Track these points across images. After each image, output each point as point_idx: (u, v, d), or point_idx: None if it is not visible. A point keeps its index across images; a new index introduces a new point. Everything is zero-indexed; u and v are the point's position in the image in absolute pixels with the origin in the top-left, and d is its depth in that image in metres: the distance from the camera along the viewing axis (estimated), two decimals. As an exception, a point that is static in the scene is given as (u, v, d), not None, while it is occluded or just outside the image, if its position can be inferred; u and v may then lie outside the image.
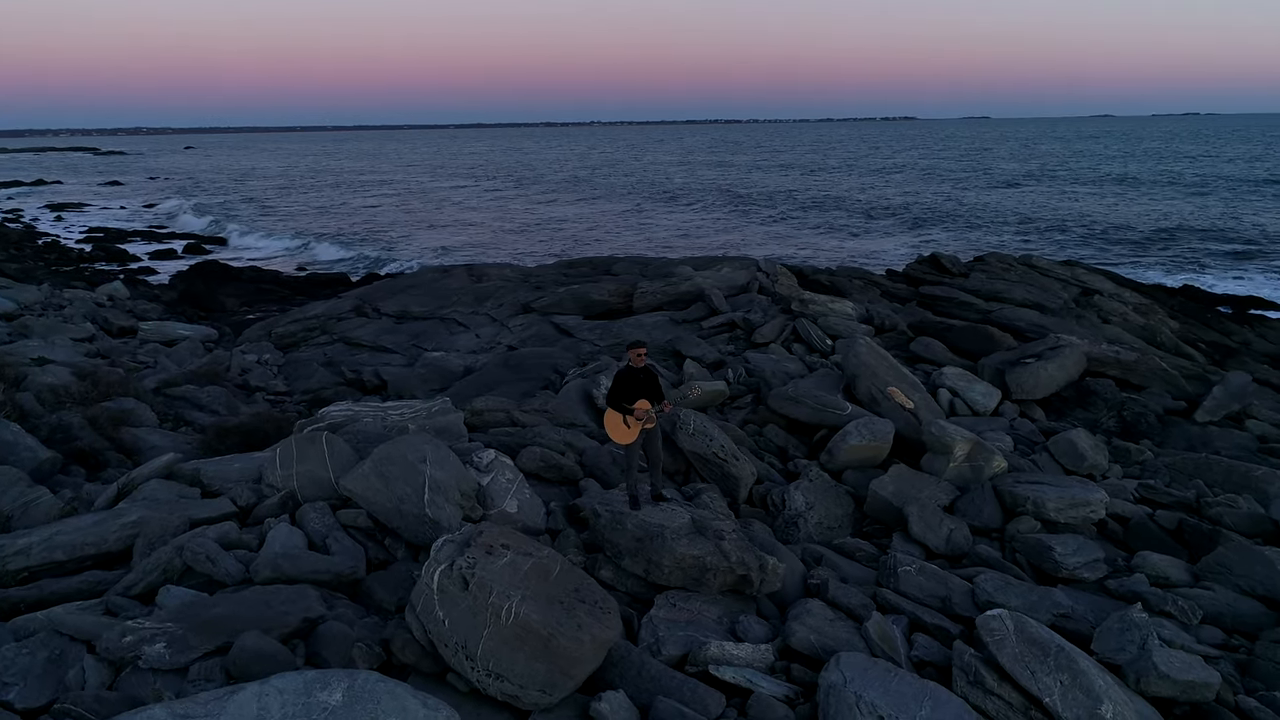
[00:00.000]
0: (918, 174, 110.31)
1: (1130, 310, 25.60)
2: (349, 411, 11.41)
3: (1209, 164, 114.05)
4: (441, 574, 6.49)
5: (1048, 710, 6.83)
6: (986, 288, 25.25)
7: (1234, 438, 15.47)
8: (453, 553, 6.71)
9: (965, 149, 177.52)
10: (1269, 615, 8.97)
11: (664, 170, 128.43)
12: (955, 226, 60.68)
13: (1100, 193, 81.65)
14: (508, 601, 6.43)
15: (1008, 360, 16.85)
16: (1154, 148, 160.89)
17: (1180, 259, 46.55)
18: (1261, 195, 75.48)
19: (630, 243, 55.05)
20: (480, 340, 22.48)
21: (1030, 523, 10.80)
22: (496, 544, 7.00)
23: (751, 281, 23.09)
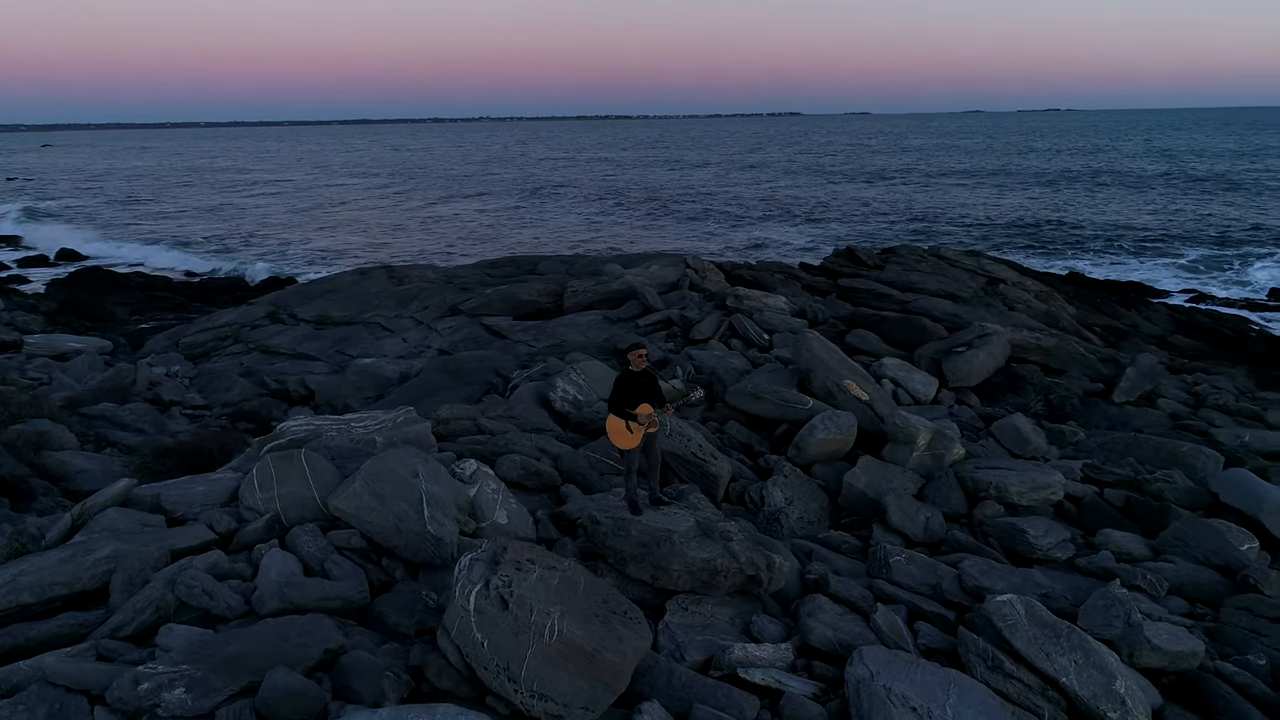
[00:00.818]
0: (807, 169, 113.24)
1: (1033, 298, 26.98)
2: (310, 426, 10.89)
3: (1073, 157, 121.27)
4: (478, 594, 6.26)
5: (1064, 689, 7.13)
6: (902, 279, 26.12)
7: (1149, 416, 16.50)
8: (484, 571, 6.48)
9: (846, 144, 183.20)
10: (1226, 584, 9.61)
11: (554, 166, 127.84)
12: (838, 219, 62.50)
13: (969, 184, 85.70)
14: (549, 619, 6.26)
15: (942, 349, 17.50)
16: (1017, 141, 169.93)
17: (1054, 246, 49.28)
18: (1121, 185, 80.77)
19: (522, 240, 54.63)
20: (408, 345, 21.84)
21: (995, 507, 11.24)
22: (523, 559, 6.81)
23: (682, 278, 23.23)
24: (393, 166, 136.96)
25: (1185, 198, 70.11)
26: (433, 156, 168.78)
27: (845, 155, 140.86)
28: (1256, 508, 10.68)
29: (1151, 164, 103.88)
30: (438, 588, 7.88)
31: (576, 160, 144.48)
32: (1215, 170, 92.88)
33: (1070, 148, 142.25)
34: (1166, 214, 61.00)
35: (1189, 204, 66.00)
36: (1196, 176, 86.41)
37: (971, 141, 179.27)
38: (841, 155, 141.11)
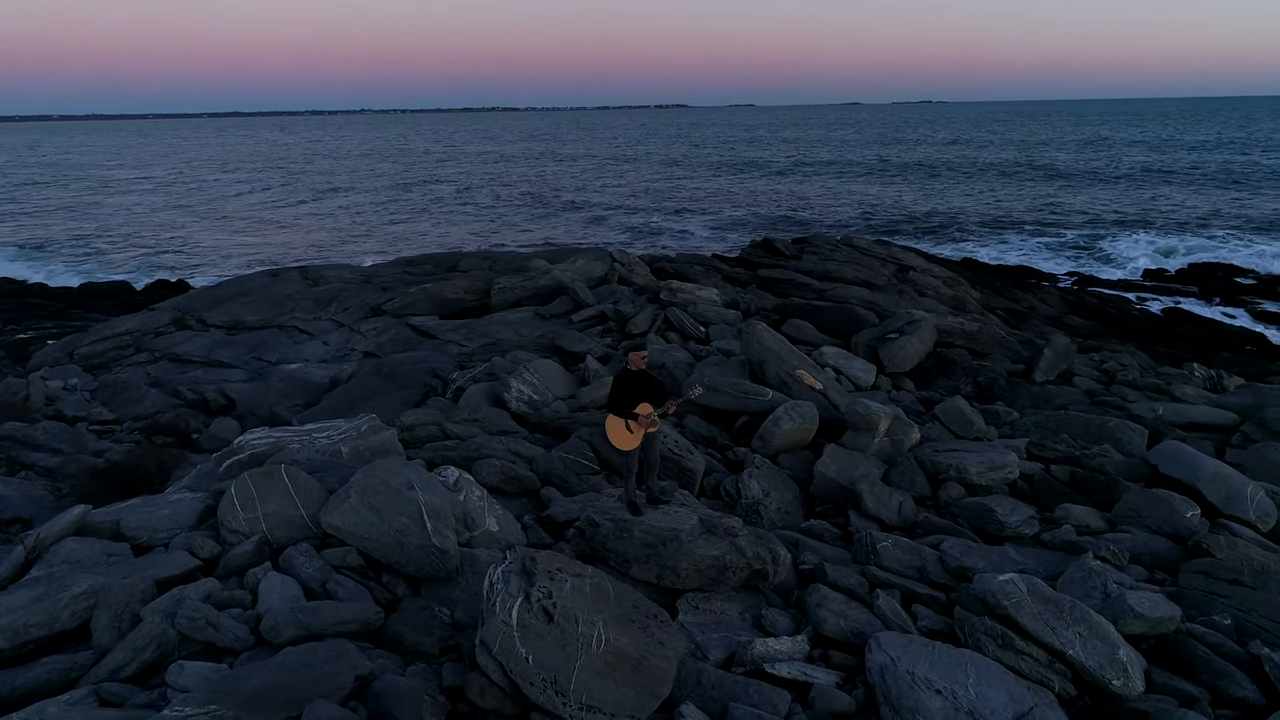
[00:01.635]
0: (699, 161, 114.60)
1: (940, 284, 28.11)
2: (269, 439, 10.36)
3: (949, 148, 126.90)
4: (520, 608, 6.08)
5: (1070, 662, 7.45)
6: (819, 268, 26.78)
7: (1068, 394, 17.44)
8: (521, 583, 6.30)
9: (732, 136, 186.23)
10: (1178, 550, 10.25)
11: (435, 160, 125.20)
12: (732, 209, 63.51)
13: (855, 173, 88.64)
14: (594, 628, 6.13)
15: (876, 337, 18.02)
16: (886, 133, 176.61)
17: (945, 232, 51.52)
18: (995, 174, 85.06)
19: (406, 234, 53.42)
20: (330, 348, 20.99)
21: (957, 488, 11.66)
22: (553, 568, 6.65)
23: (610, 272, 23.14)
24: (268, 161, 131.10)
25: (1048, 184, 74.34)
26: (311, 151, 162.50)
27: (733, 147, 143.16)
28: (1194, 477, 11.44)
29: (1020, 153, 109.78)
30: (444, 603, 7.62)
31: (462, 153, 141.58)
32: (1079, 159, 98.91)
33: (942, 139, 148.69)
34: (1032, 199, 64.55)
35: (1051, 191, 69.97)
36: (1057, 167, 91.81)
37: (846, 133, 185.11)
38: (728, 146, 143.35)
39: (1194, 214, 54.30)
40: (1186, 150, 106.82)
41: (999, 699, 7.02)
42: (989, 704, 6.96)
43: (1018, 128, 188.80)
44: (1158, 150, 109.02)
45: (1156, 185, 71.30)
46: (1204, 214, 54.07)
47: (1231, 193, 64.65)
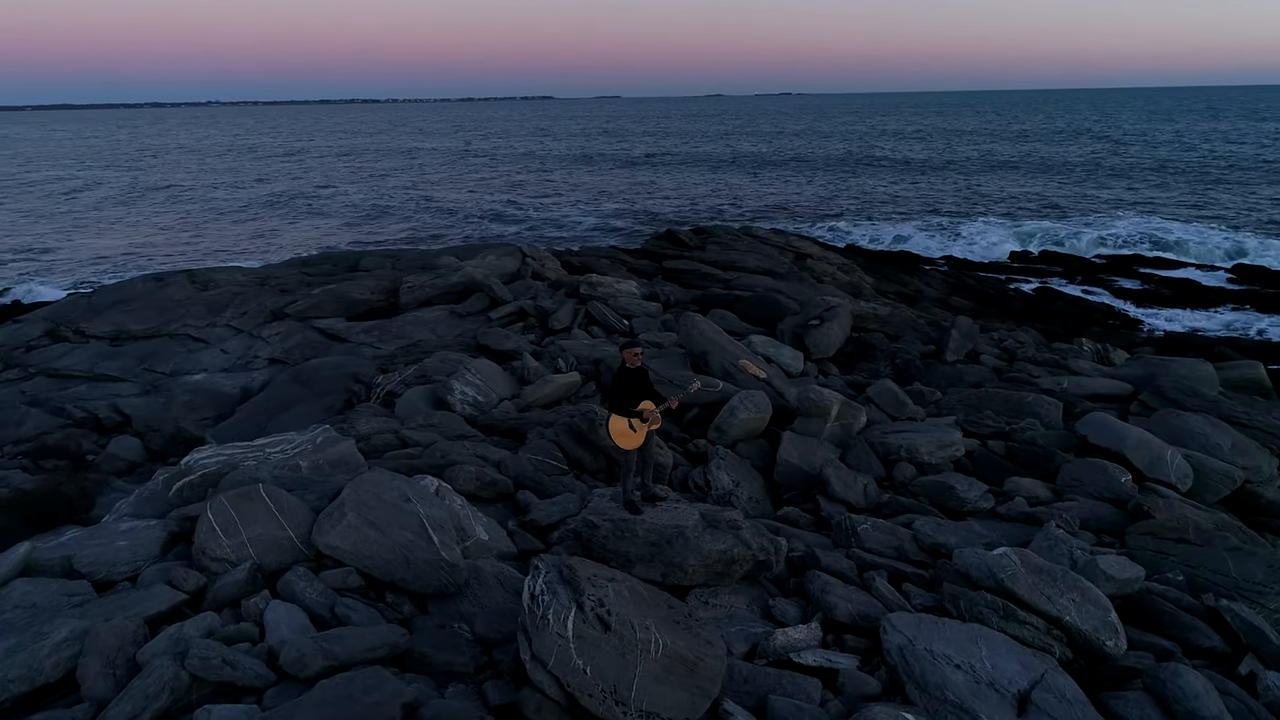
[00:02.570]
0: (572, 153, 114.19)
1: (836, 270, 29.08)
2: (219, 457, 9.68)
3: (813, 139, 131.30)
4: (575, 619, 5.90)
5: (1066, 627, 7.87)
6: (723, 258, 27.21)
7: (978, 372, 18.38)
8: (569, 593, 6.11)
9: (597, 128, 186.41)
10: (1120, 514, 10.98)
11: (299, 156, 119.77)
12: (614, 201, 63.81)
13: (726, 164, 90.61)
14: (650, 633, 6.03)
15: (799, 324, 18.45)
16: (754, 123, 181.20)
17: (817, 218, 53.27)
18: (852, 162, 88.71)
19: (271, 230, 51.06)
20: (230, 356, 19.75)
21: (909, 468, 12.12)
22: (591, 574, 6.49)
23: (523, 268, 22.75)
24: (102, 158, 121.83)
25: (905, 171, 78.11)
26: (148, 146, 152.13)
27: (607, 138, 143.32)
28: (1121, 445, 12.29)
29: (877, 143, 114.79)
30: (457, 618, 7.31)
31: (314, 149, 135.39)
32: (928, 148, 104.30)
33: (804, 129, 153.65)
34: (888, 186, 67.71)
35: (905, 178, 73.55)
36: (914, 156, 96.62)
37: (708, 125, 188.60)
38: (603, 138, 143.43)
39: (1040, 200, 58.18)
40: (1025, 140, 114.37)
41: (1012, 668, 7.34)
42: (1005, 674, 7.26)
43: (869, 118, 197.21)
44: (999, 139, 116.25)
45: (994, 172, 75.94)
46: (1048, 200, 58.01)
47: (1062, 178, 69.65)
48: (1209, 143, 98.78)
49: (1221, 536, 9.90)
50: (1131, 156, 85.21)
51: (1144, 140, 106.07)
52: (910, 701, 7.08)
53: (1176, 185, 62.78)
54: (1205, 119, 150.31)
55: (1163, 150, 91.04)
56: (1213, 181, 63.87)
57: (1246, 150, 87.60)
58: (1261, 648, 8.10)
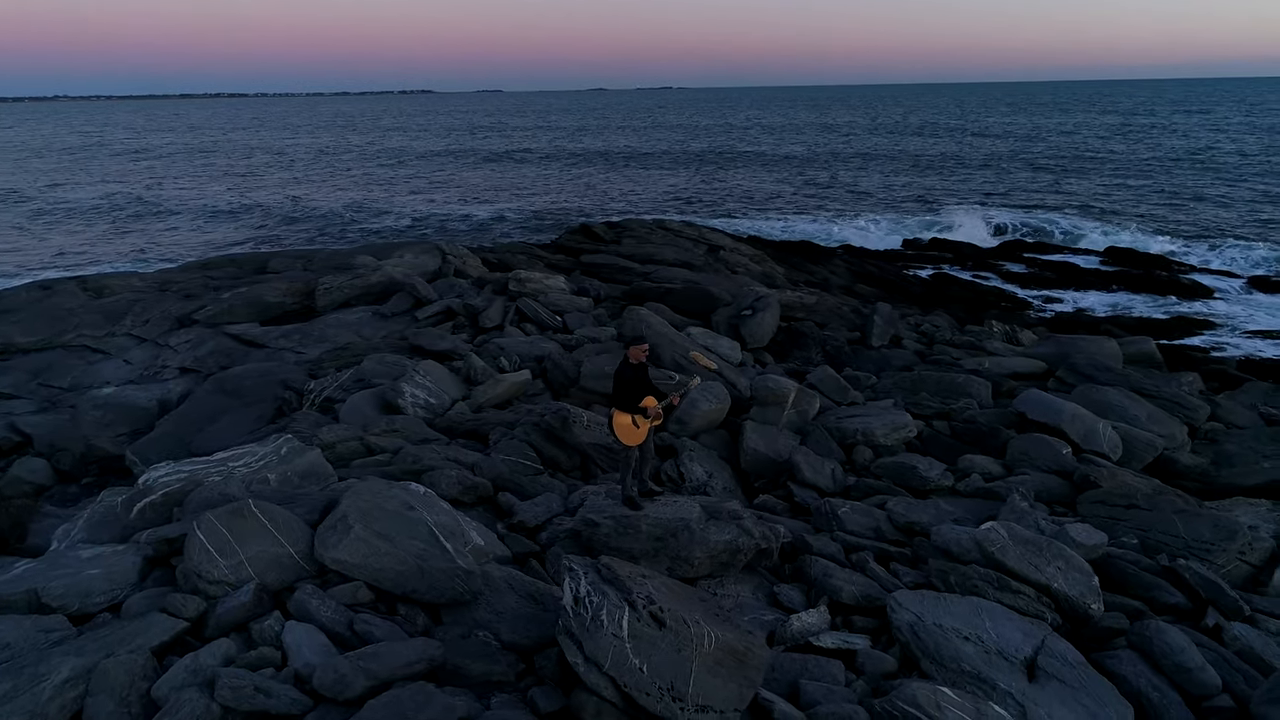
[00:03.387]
0: (458, 149, 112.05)
1: (749, 260, 29.60)
2: (180, 474, 9.12)
3: (700, 134, 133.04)
4: (630, 619, 5.83)
5: (1054, 594, 8.30)
6: (639, 251, 27.29)
7: (903, 355, 19.08)
8: (618, 592, 6.03)
9: (482, 124, 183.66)
10: (1068, 485, 11.63)
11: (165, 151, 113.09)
12: (503, 199, 63.03)
13: (609, 158, 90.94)
14: (701, 627, 6.02)
15: (732, 315, 18.71)
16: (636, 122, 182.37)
17: (714, 210, 54.08)
18: (740, 157, 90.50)
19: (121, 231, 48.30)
20: (135, 367, 18.53)
21: (866, 451, 12.49)
22: (628, 571, 6.43)
23: (444, 266, 22.21)
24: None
25: (787, 166, 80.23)
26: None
27: (493, 133, 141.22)
28: (1058, 419, 13.01)
29: (758, 138, 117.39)
30: (475, 626, 7.11)
31: (165, 147, 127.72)
32: (804, 142, 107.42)
33: (679, 123, 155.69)
34: (778, 179, 69.44)
35: (785, 172, 75.53)
36: (798, 148, 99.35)
37: (592, 119, 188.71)
38: (489, 134, 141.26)
39: (916, 191, 60.77)
40: (897, 133, 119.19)
41: (1016, 637, 7.69)
42: (1010, 642, 7.61)
43: (746, 111, 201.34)
44: (877, 134, 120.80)
45: (873, 164, 78.93)
46: (923, 192, 60.66)
47: (932, 171, 73.05)
48: (1057, 136, 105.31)
49: (1168, 500, 10.63)
50: (987, 148, 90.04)
51: (1005, 133, 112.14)
52: (927, 675, 7.32)
53: (1024, 175, 66.62)
54: (1054, 113, 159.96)
55: (1009, 143, 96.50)
56: (1061, 171, 68.07)
57: (1090, 141, 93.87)
58: (1220, 601, 8.74)
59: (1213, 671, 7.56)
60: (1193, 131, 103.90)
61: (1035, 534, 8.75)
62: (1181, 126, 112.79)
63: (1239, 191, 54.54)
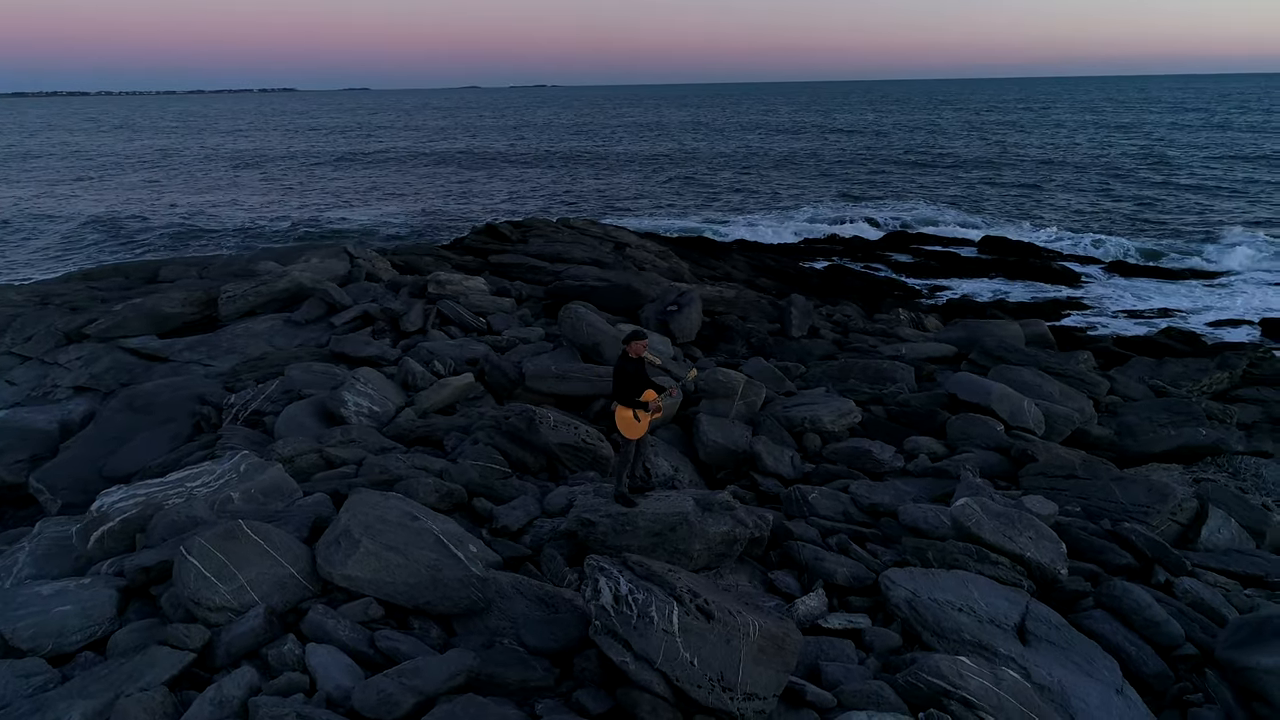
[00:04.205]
0: (330, 152, 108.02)
1: (654, 257, 29.85)
2: (136, 498, 8.52)
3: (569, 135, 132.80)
4: (680, 614, 5.84)
5: (1028, 562, 8.79)
6: (548, 250, 27.10)
7: (822, 345, 19.68)
8: (662, 590, 6.03)
9: (352, 123, 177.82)
10: (1006, 460, 12.31)
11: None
12: (383, 201, 61.49)
13: (486, 161, 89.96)
14: (745, 616, 6.08)
15: (659, 311, 18.85)
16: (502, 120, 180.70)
17: (602, 209, 54.25)
18: (610, 156, 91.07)
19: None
20: (20, 388, 17.09)
21: (815, 438, 12.86)
22: (658, 566, 6.43)
23: (354, 270, 21.43)
24: None
25: (659, 165, 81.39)
26: None
27: (360, 134, 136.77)
28: (987, 399, 13.74)
29: (645, 136, 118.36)
30: (493, 634, 6.95)
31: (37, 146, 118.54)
32: (693, 138, 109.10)
33: (565, 123, 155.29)
34: (668, 176, 70.36)
35: (659, 171, 76.66)
36: (677, 145, 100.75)
37: (468, 118, 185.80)
38: (356, 134, 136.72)
39: (799, 188, 62.80)
40: (768, 132, 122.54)
41: (1002, 605, 8.12)
42: (999, 610, 8.02)
43: (620, 109, 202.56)
44: (750, 131, 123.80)
45: (751, 162, 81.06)
46: (804, 189, 62.75)
47: (806, 170, 75.68)
48: (925, 132, 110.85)
49: (1106, 469, 11.41)
50: (855, 144, 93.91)
51: (866, 130, 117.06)
52: (930, 647, 7.64)
53: (895, 172, 69.96)
54: (927, 110, 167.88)
55: (867, 139, 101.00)
56: (928, 167, 71.72)
57: (940, 139, 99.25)
58: (1165, 559, 9.46)
59: (1176, 624, 8.19)
60: (1036, 127, 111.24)
61: (1004, 507, 9.23)
62: (1026, 123, 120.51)
63: (1085, 181, 58.83)
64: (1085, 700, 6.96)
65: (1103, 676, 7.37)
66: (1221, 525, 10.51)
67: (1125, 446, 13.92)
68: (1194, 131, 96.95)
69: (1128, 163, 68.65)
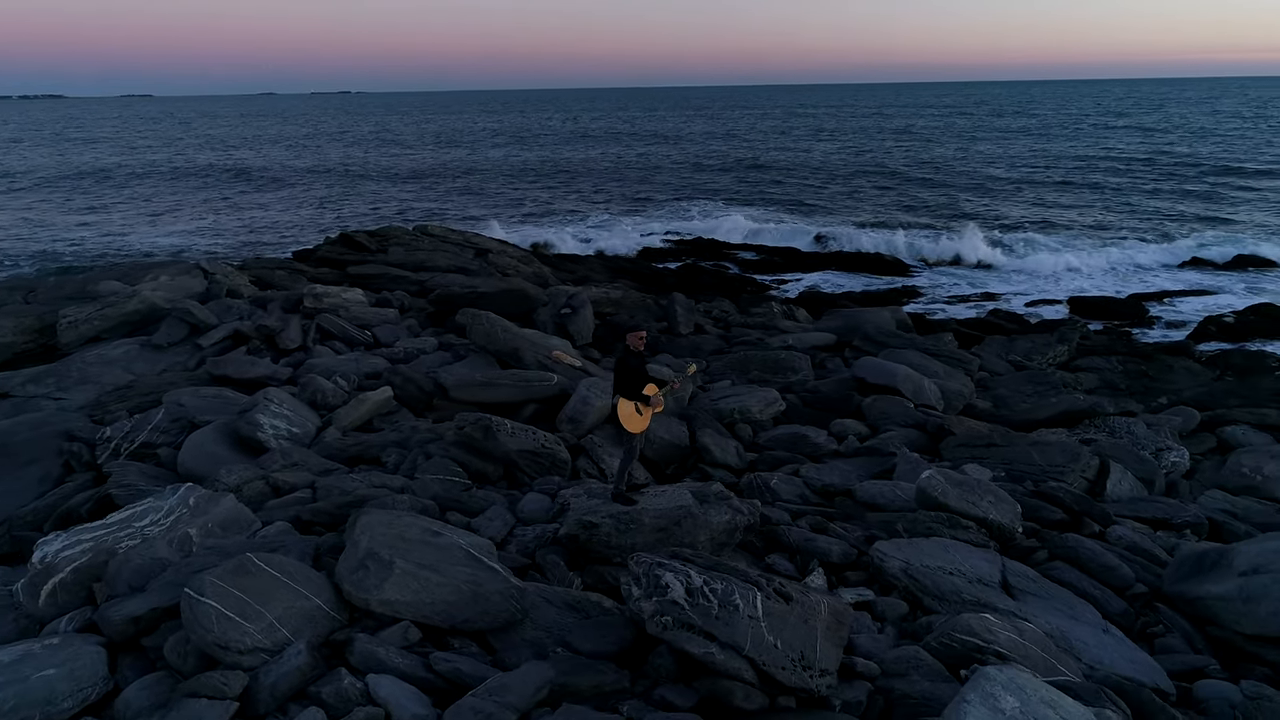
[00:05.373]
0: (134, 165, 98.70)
1: (517, 262, 29.50)
2: (82, 543, 7.61)
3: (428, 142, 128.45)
4: (763, 599, 5.89)
5: (990, 524, 9.44)
6: (410, 259, 26.23)
7: (711, 340, 20.17)
8: (737, 578, 6.06)
9: (130, 134, 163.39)
10: (924, 436, 13.13)
11: None
12: (199, 215, 57.33)
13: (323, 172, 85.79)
14: (812, 595, 6.21)
15: (554, 315, 18.67)
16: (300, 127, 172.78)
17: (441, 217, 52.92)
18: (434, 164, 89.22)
19: None
20: None
21: (746, 428, 13.22)
22: (704, 557, 6.45)
23: (213, 286, 19.82)
24: None
25: (515, 174, 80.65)
26: None
27: (144, 146, 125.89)
28: (893, 380, 14.60)
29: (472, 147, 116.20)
30: (528, 645, 6.71)
31: None
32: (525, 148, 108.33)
33: (370, 133, 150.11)
34: (500, 184, 69.66)
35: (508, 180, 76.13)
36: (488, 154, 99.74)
37: (265, 127, 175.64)
38: (140, 146, 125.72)
39: (634, 194, 63.86)
40: (593, 140, 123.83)
41: (983, 565, 8.70)
42: (982, 570, 8.59)
43: (438, 117, 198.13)
44: (574, 140, 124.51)
45: (586, 168, 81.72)
46: (641, 195, 63.92)
47: (636, 175, 77.29)
48: (723, 138, 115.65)
49: (1020, 435, 12.42)
50: (692, 151, 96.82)
51: (695, 136, 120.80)
52: (933, 611, 8.07)
53: (725, 175, 72.78)
54: (757, 118, 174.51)
55: (701, 145, 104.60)
56: (750, 167, 75.08)
57: (785, 148, 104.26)
58: (1091, 511, 10.44)
59: (1126, 567, 9.07)
60: (843, 134, 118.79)
61: (963, 475, 9.89)
62: (860, 127, 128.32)
63: (901, 184, 63.47)
64: (1084, 641, 7.59)
65: (1087, 619, 8.07)
66: (1121, 478, 11.73)
67: (1007, 416, 15.19)
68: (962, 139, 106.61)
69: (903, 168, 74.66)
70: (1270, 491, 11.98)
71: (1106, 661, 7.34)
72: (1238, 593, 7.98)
